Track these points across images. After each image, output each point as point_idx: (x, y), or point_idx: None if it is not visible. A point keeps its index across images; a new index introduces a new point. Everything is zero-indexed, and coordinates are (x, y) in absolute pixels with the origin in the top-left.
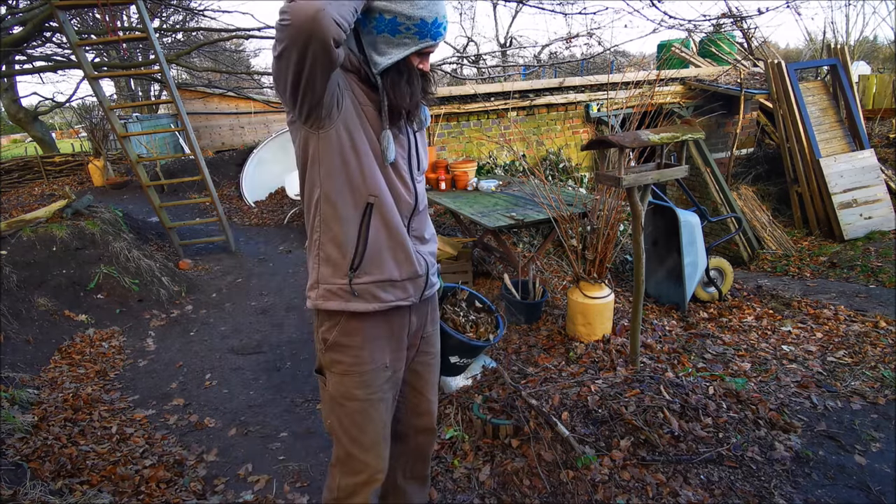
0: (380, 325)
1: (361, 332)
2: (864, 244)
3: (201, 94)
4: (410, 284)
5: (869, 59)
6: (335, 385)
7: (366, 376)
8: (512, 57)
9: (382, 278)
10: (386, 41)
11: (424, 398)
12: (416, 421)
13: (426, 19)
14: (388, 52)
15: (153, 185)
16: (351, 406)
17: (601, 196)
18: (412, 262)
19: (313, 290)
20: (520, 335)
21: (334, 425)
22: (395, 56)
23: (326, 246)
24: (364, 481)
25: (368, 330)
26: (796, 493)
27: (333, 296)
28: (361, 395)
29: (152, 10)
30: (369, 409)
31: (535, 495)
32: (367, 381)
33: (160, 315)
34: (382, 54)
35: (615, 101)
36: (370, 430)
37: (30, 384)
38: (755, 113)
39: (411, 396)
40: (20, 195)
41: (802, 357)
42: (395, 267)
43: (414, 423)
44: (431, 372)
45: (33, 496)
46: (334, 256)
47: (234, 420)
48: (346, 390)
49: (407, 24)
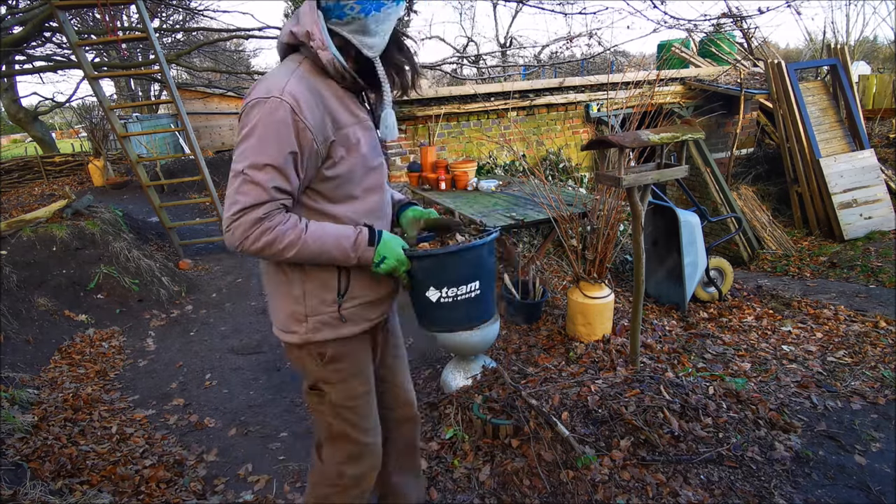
0: (365, 338)
1: (353, 343)
2: (864, 244)
3: (201, 94)
4: (389, 300)
5: (869, 59)
6: (339, 391)
7: (364, 373)
8: (512, 57)
9: (369, 298)
10: (375, 19)
11: (402, 389)
12: (400, 412)
13: None
14: (378, 29)
15: (153, 185)
16: (356, 402)
17: (601, 196)
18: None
19: (300, 325)
20: (520, 335)
21: (343, 429)
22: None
23: (312, 273)
24: (371, 466)
25: (358, 343)
26: (796, 493)
27: (324, 326)
28: (363, 390)
29: (152, 10)
30: (370, 399)
31: (535, 495)
32: (366, 376)
33: (160, 315)
34: (375, 34)
35: (615, 101)
36: (372, 416)
37: (30, 384)
38: (755, 113)
39: (391, 391)
40: (20, 195)
41: (802, 357)
42: (378, 283)
43: (396, 416)
44: (403, 364)
45: (33, 496)
46: (321, 284)
47: (234, 420)
48: (351, 391)
49: None
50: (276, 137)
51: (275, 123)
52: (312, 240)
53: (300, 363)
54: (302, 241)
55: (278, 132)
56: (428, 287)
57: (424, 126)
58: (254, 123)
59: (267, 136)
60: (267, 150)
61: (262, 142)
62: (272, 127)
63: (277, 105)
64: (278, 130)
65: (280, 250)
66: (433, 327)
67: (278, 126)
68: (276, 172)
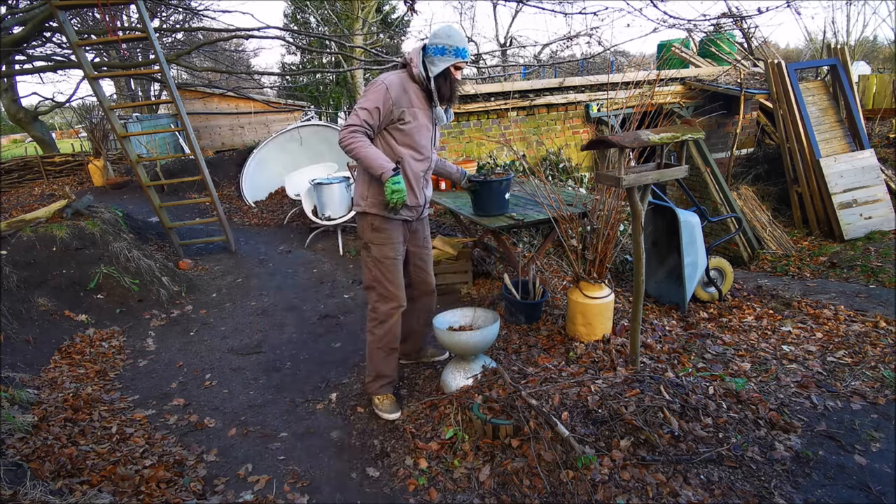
0: (399, 224)
1: (390, 224)
2: (864, 244)
3: (201, 94)
4: (413, 210)
5: (869, 59)
6: (378, 250)
7: (395, 245)
8: (512, 57)
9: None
10: (438, 59)
11: (427, 275)
12: (423, 287)
13: (458, 46)
14: (438, 64)
15: (153, 185)
16: (387, 262)
17: (601, 196)
18: (417, 197)
19: (364, 201)
20: (520, 335)
21: (377, 276)
22: (441, 66)
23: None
24: (396, 306)
25: (394, 224)
26: (796, 493)
27: (375, 206)
28: (392, 255)
29: (152, 10)
30: (397, 264)
31: (535, 495)
32: (396, 247)
33: (160, 315)
34: (435, 66)
35: (615, 101)
36: (398, 275)
37: (30, 384)
38: (755, 113)
39: (420, 275)
40: (20, 195)
41: (802, 357)
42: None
43: (421, 289)
44: (428, 255)
45: (33, 496)
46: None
47: (234, 420)
48: (385, 253)
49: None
50: (375, 98)
51: (376, 91)
52: (367, 153)
53: (361, 226)
54: (364, 151)
55: (376, 95)
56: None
57: None
58: (368, 88)
59: (369, 96)
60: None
61: (367, 98)
62: (374, 93)
63: (381, 84)
64: (376, 95)
65: (352, 148)
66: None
67: (377, 93)
68: (367, 113)
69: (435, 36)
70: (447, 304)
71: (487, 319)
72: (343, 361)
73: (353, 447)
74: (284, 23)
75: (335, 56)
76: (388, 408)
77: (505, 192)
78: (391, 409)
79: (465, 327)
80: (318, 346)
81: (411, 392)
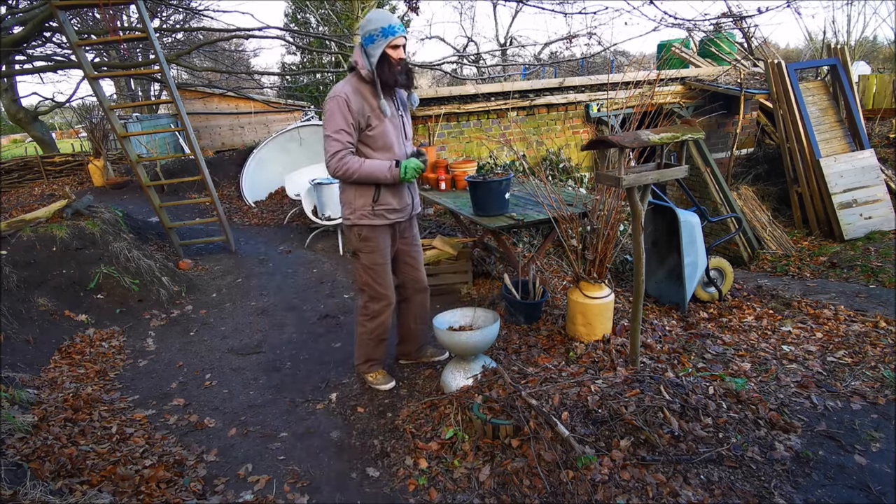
0: (386, 230)
1: (378, 231)
2: (864, 244)
3: (201, 94)
4: (402, 211)
5: (869, 59)
6: (367, 257)
7: (383, 251)
8: (512, 57)
9: (391, 206)
10: (371, 48)
11: (417, 271)
12: (415, 285)
13: (382, 25)
14: (374, 53)
15: (153, 185)
16: (377, 268)
17: (601, 196)
18: (404, 199)
19: (351, 213)
20: (520, 335)
21: (367, 280)
22: (377, 53)
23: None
24: (386, 304)
25: (381, 231)
26: (796, 493)
27: (363, 217)
28: (381, 261)
29: (152, 10)
30: (385, 267)
31: (535, 495)
32: (384, 253)
33: (160, 315)
34: (371, 55)
35: (615, 101)
36: (387, 277)
37: (30, 384)
38: (755, 113)
39: (412, 273)
40: (20, 195)
41: (802, 357)
42: (395, 201)
43: (414, 287)
44: (418, 252)
45: (33, 496)
46: (364, 194)
47: (234, 420)
48: (373, 260)
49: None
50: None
51: (339, 107)
52: (364, 171)
53: (349, 236)
54: (361, 171)
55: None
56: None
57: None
58: (329, 108)
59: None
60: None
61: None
62: (337, 111)
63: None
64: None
65: (350, 174)
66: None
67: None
68: (343, 133)
69: (361, 28)
70: (447, 304)
71: (487, 319)
72: (343, 361)
73: (353, 447)
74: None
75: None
76: (382, 380)
77: (505, 192)
78: (385, 380)
79: (465, 327)
80: (318, 346)
81: (411, 392)
